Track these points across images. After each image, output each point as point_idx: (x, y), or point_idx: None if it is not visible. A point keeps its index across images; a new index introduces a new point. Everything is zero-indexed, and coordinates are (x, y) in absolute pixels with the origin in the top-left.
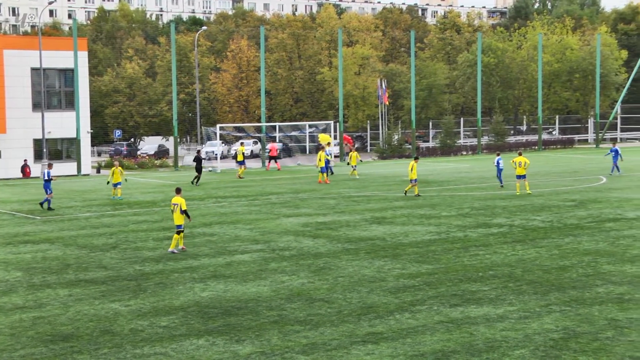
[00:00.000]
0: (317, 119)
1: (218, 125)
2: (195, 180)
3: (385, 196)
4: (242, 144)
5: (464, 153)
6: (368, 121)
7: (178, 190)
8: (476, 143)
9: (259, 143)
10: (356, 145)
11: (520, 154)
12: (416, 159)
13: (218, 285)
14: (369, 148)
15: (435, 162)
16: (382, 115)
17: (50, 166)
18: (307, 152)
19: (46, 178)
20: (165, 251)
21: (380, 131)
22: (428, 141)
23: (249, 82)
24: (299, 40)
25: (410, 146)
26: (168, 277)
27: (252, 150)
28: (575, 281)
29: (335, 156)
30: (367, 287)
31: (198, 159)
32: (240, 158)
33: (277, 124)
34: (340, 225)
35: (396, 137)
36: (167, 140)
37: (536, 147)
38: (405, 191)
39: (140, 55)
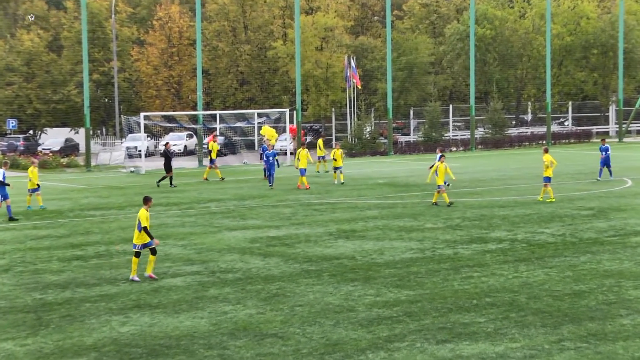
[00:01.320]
0: (269, 106)
1: (142, 114)
2: (162, 179)
3: (355, 204)
4: (215, 137)
5: (454, 149)
6: (333, 109)
7: (145, 200)
8: (469, 136)
9: (194, 137)
10: (308, 140)
11: (546, 151)
12: (441, 157)
13: (142, 317)
14: (333, 143)
15: (418, 160)
16: (350, 101)
17: (5, 165)
18: (256, 147)
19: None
20: (75, 275)
21: (349, 122)
22: (408, 134)
23: (181, 59)
24: (244, 6)
25: (385, 140)
26: (77, 307)
27: (185, 146)
28: (594, 310)
29: (289, 153)
30: (331, 319)
31: (166, 155)
32: (214, 156)
33: (217, 112)
34: (298, 240)
35: (368, 129)
36: (77, 133)
37: (544, 142)
38: (434, 202)
39: (41, 23)
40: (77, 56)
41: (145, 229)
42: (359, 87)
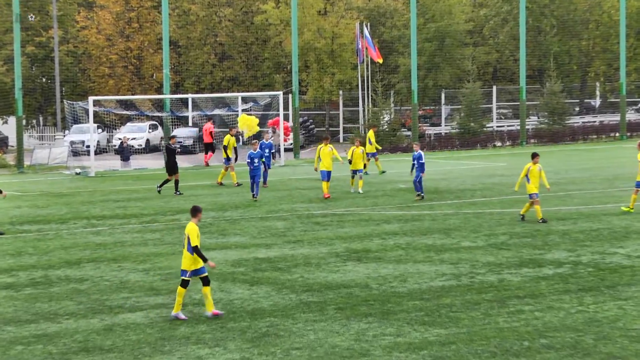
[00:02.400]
0: (256, 88)
1: (91, 99)
2: (164, 184)
3: (369, 215)
4: (233, 129)
5: (498, 144)
6: (340, 92)
7: (195, 211)
8: (518, 128)
9: (159, 128)
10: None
11: None
12: (534, 157)
13: None
14: (341, 137)
15: (452, 158)
16: (363, 82)
17: None
18: (241, 142)
19: None
20: (2, 310)
21: (361, 108)
22: (439, 124)
23: (142, 27)
24: None
25: (409, 133)
26: (5, 352)
27: (147, 140)
28: None
29: (285, 149)
30: None
31: (170, 151)
32: (230, 153)
33: (189, 95)
34: (295, 263)
35: (386, 118)
36: (5, 122)
37: (617, 134)
38: (523, 215)
39: None
40: (5, 22)
41: (196, 249)
42: (380, 62)
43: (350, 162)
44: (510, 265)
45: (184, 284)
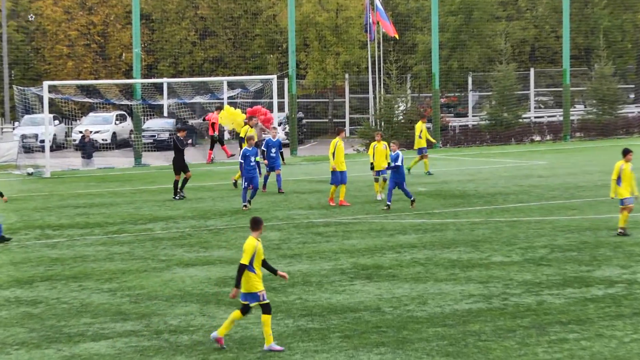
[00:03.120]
0: (245, 71)
1: (46, 84)
2: (182, 186)
3: (381, 224)
4: (250, 119)
5: (537, 139)
6: (346, 75)
7: (255, 224)
8: (561, 119)
9: (128, 119)
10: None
11: None
12: (626, 154)
13: None
14: (347, 129)
15: (481, 155)
16: (374, 64)
17: None
18: (226, 136)
19: None
20: None
21: (371, 95)
22: (465, 115)
23: None
24: None
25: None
26: None
27: (114, 134)
28: None
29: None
30: None
31: (178, 145)
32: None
33: (164, 80)
34: (292, 282)
35: (402, 107)
36: None
37: None
38: (623, 230)
39: None
40: None
41: (239, 268)
42: (396, 37)
43: (373, 161)
44: (551, 284)
45: (245, 310)
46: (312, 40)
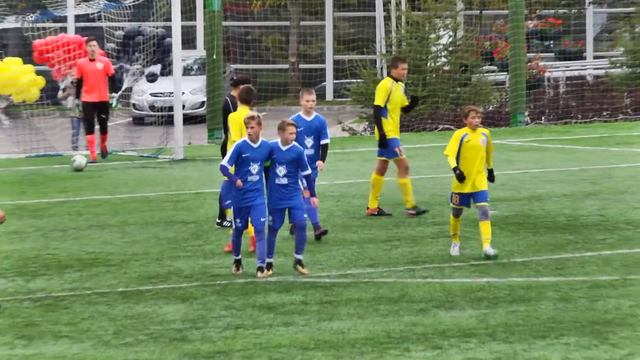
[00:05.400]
0: None
1: None
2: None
3: (401, 285)
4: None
5: None
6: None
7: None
8: None
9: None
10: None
11: None
12: None
13: None
14: (330, 89)
15: (611, 139)
16: None
17: None
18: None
19: None
20: None
21: (379, 14)
22: (579, 55)
23: None
24: None
25: (503, 76)
26: None
27: None
28: None
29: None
30: None
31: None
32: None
33: None
34: None
35: (445, 40)
36: None
37: None
38: None
39: None
40: None
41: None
42: None
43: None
44: None
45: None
46: None
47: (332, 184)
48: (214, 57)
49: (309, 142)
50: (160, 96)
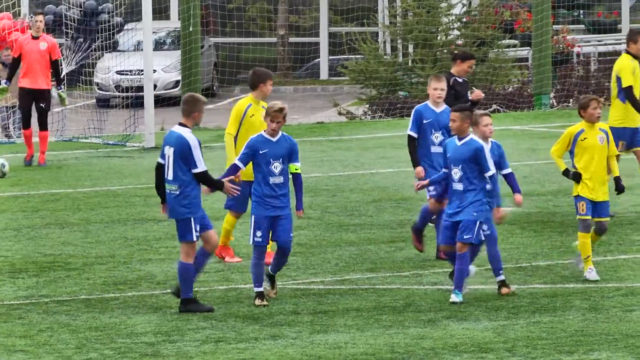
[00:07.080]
0: None
1: None
2: None
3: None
4: None
5: None
6: None
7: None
8: None
9: None
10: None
11: None
12: None
13: None
14: (324, 69)
15: None
16: None
17: None
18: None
19: None
20: None
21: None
22: (613, 27)
23: None
24: None
25: (526, 52)
26: None
27: None
28: None
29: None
30: None
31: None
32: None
33: None
34: None
35: (459, 8)
36: None
37: None
38: None
39: None
40: None
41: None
42: None
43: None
44: None
45: None
46: None
47: (326, 175)
48: (190, 29)
49: (436, 137)
50: (128, 74)
